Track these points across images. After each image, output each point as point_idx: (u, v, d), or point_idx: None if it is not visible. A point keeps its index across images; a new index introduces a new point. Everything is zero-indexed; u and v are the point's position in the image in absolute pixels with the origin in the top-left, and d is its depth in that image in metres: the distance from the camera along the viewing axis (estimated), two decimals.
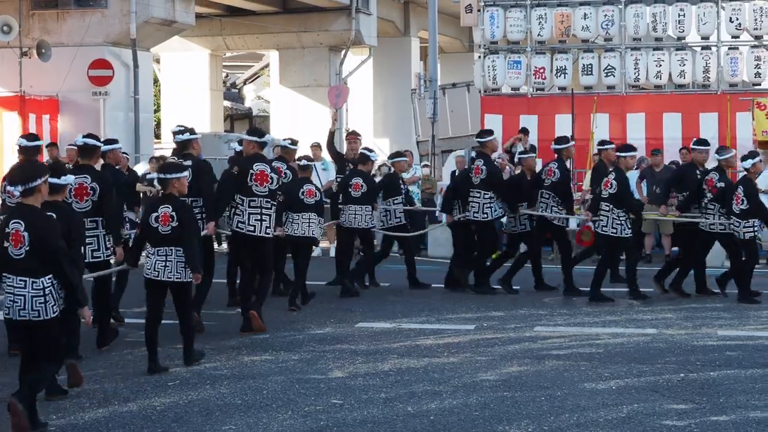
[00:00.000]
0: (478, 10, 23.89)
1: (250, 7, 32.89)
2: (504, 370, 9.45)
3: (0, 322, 8.43)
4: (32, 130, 23.43)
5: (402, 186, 16.05)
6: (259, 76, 48.06)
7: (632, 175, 19.79)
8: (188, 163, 11.21)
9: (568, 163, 16.24)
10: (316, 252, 19.93)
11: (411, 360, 9.96)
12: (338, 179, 16.54)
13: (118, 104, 24.87)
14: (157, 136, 34.73)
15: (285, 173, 13.51)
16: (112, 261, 11.04)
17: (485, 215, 14.51)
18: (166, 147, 30.21)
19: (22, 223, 7.46)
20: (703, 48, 23.17)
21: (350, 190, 14.77)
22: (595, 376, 9.17)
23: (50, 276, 7.47)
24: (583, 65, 23.37)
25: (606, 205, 13.90)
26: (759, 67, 22.71)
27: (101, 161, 11.27)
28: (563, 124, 22.30)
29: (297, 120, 32.60)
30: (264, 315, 11.74)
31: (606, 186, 14.02)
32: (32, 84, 24.02)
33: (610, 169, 14.31)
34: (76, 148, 11.65)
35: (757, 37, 22.92)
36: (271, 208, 11.71)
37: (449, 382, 8.97)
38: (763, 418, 7.76)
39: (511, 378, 9.14)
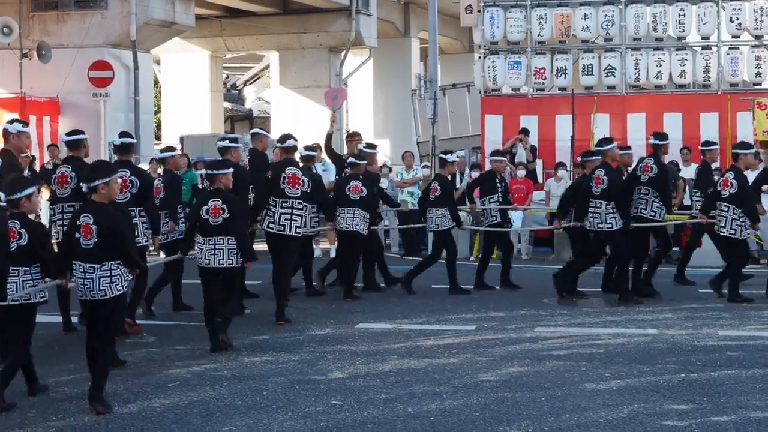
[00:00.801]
0: (478, 11, 23.90)
1: (250, 8, 32.89)
2: (504, 371, 9.44)
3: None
4: (33, 131, 23.44)
5: (498, 185, 15.91)
6: (259, 78, 48.07)
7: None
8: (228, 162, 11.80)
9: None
10: (317, 253, 19.96)
11: (411, 361, 9.94)
12: (337, 179, 16.54)
13: (119, 105, 24.88)
14: (158, 138, 34.71)
15: (129, 182, 13.21)
16: (151, 247, 12.17)
17: (610, 225, 13.85)
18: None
19: (91, 217, 8.41)
20: (704, 48, 23.17)
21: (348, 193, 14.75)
22: (595, 377, 9.16)
23: (116, 261, 8.40)
24: (584, 65, 23.36)
25: (725, 206, 13.68)
26: (759, 67, 22.71)
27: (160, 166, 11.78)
28: (564, 125, 22.32)
29: (297, 121, 32.56)
30: (265, 317, 11.87)
31: (725, 186, 13.74)
32: (33, 85, 24.04)
33: (728, 169, 14.03)
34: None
35: (758, 37, 22.91)
36: (302, 209, 12.64)
37: (449, 382, 8.96)
38: (764, 419, 7.75)
39: (511, 378, 9.13)
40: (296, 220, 12.49)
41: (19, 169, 10.89)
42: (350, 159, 15.19)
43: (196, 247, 10.74)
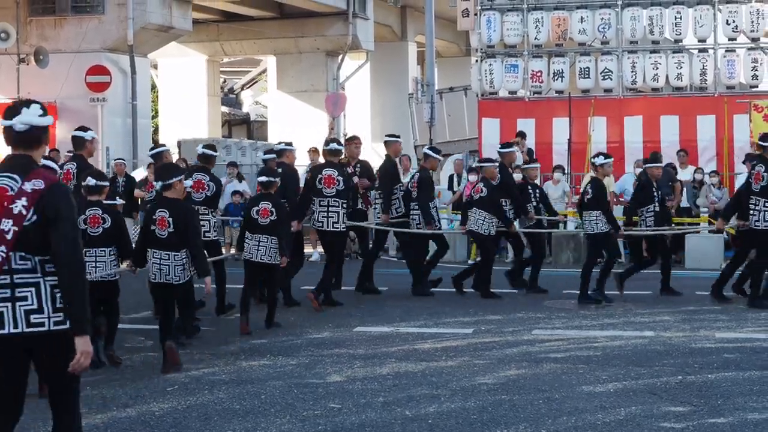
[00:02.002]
0: (475, 14, 23.97)
1: (247, 12, 32.94)
2: (502, 374, 9.45)
3: None
4: None
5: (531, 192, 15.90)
6: (256, 82, 48.13)
7: (629, 179, 19.92)
8: (279, 170, 13.45)
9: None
10: (314, 257, 20.00)
11: (409, 364, 9.96)
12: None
13: (116, 110, 24.90)
14: (155, 142, 34.73)
15: (207, 185, 13.43)
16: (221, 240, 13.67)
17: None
18: None
19: (167, 211, 10.02)
20: (700, 50, 23.23)
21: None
22: (592, 379, 9.18)
23: (185, 250, 9.92)
24: (580, 68, 23.40)
25: (756, 200, 13.48)
26: (756, 70, 22.75)
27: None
28: (561, 128, 22.37)
29: (294, 125, 32.64)
30: (262, 322, 12.02)
31: (757, 179, 13.51)
32: (30, 90, 24.04)
33: (758, 161, 13.76)
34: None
35: (754, 40, 22.97)
36: (338, 206, 13.71)
37: (447, 385, 8.98)
38: (761, 420, 7.77)
39: (509, 381, 9.14)
40: (332, 216, 13.67)
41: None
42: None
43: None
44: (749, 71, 22.83)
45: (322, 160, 18.96)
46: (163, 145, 14.38)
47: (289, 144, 15.14)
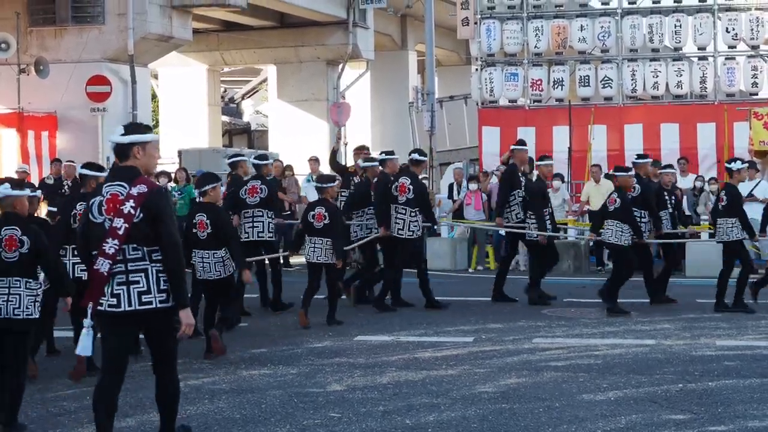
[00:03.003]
0: (475, 23, 24.00)
1: (248, 22, 32.96)
2: (502, 382, 9.45)
3: None
4: (31, 147, 23.50)
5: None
6: (257, 91, 48.15)
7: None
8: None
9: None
10: None
11: (409, 373, 9.95)
12: (341, 194, 16.52)
13: (117, 120, 24.82)
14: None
15: (260, 189, 14.10)
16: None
17: None
18: (164, 163, 30.26)
19: (205, 215, 11.17)
20: (700, 58, 23.28)
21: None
22: (593, 387, 9.17)
23: (225, 249, 10.93)
24: (580, 77, 23.44)
25: None
26: (755, 77, 22.80)
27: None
28: (561, 136, 22.40)
29: (295, 134, 32.65)
30: (262, 330, 12.01)
31: None
32: (30, 101, 24.06)
33: None
34: (72, 164, 14.28)
35: (754, 47, 23.00)
36: (405, 213, 14.15)
37: (447, 394, 8.97)
38: (761, 428, 7.76)
39: (509, 390, 9.13)
40: (398, 223, 14.20)
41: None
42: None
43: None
44: (749, 79, 22.87)
45: (323, 169, 19.05)
46: (242, 155, 15.37)
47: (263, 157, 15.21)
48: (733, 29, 22.85)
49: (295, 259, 18.82)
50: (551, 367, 10.17)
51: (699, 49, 23.37)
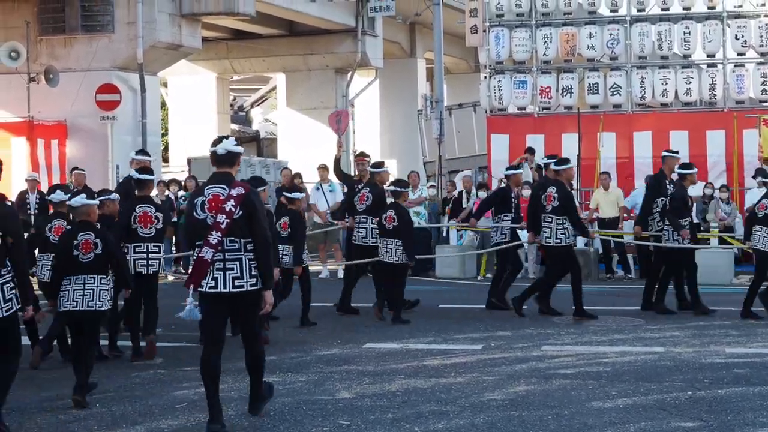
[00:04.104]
0: (484, 31, 24.00)
1: (257, 30, 33.04)
2: (511, 390, 9.44)
3: None
4: (41, 155, 23.57)
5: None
6: (266, 99, 48.22)
7: (639, 193, 19.89)
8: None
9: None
10: (323, 273, 20.02)
11: (418, 380, 9.95)
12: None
13: (126, 128, 24.97)
14: (165, 160, 34.85)
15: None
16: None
17: None
18: (174, 171, 30.34)
19: (287, 216, 12.81)
20: (709, 65, 23.22)
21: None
22: (602, 395, 9.16)
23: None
24: (589, 84, 23.42)
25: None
26: (765, 84, 22.77)
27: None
28: (570, 144, 22.35)
29: (304, 142, 32.70)
30: (274, 337, 12.21)
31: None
32: (40, 109, 24.14)
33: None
34: (82, 172, 14.98)
35: (763, 54, 22.97)
36: (552, 222, 14.12)
37: (456, 402, 8.96)
38: None
39: (518, 397, 9.12)
40: (546, 231, 14.21)
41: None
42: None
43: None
44: (759, 86, 22.83)
45: (332, 177, 19.06)
46: (382, 164, 15.64)
47: None
48: (743, 36, 22.82)
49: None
50: (560, 374, 10.16)
51: (708, 56, 23.32)
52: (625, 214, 19.88)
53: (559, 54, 23.65)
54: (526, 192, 20.38)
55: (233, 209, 7.91)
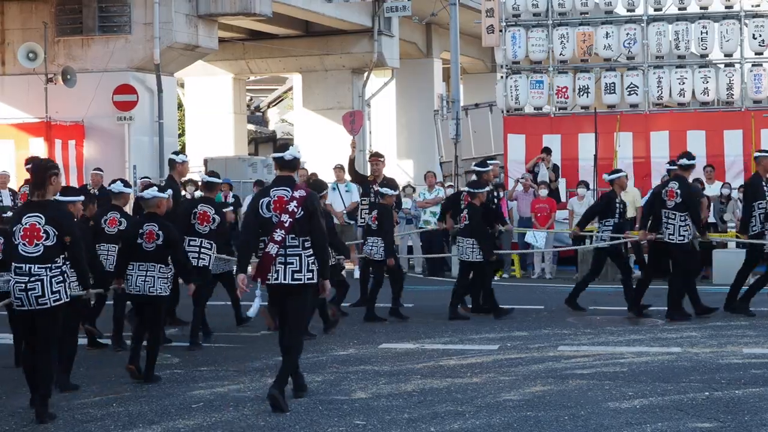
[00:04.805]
0: (500, 31, 23.96)
1: (273, 30, 33.07)
2: (527, 390, 9.42)
3: None
4: (58, 155, 23.64)
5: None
6: (282, 99, 48.29)
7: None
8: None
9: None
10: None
11: (434, 380, 9.95)
12: (363, 201, 16.62)
13: (143, 129, 25.04)
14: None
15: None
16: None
17: None
18: (191, 171, 30.37)
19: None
20: (727, 65, 23.12)
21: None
22: (619, 395, 9.13)
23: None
24: (606, 84, 23.35)
25: None
26: None
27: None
28: (586, 144, 22.31)
29: (321, 142, 32.72)
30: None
31: None
32: (58, 110, 24.20)
33: None
34: (99, 172, 15.25)
35: None
36: (675, 218, 13.85)
37: (472, 402, 8.96)
38: None
39: (534, 398, 9.11)
40: (669, 229, 13.93)
41: (179, 191, 13.31)
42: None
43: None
44: None
45: (347, 177, 19.06)
46: (485, 163, 15.26)
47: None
48: (760, 35, 22.72)
49: None
50: (576, 374, 10.15)
51: (725, 55, 23.22)
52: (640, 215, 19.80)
53: (575, 54, 23.60)
54: (543, 192, 20.43)
55: (295, 209, 8.74)
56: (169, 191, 11.91)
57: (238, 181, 25.22)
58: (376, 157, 16.26)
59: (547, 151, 22.28)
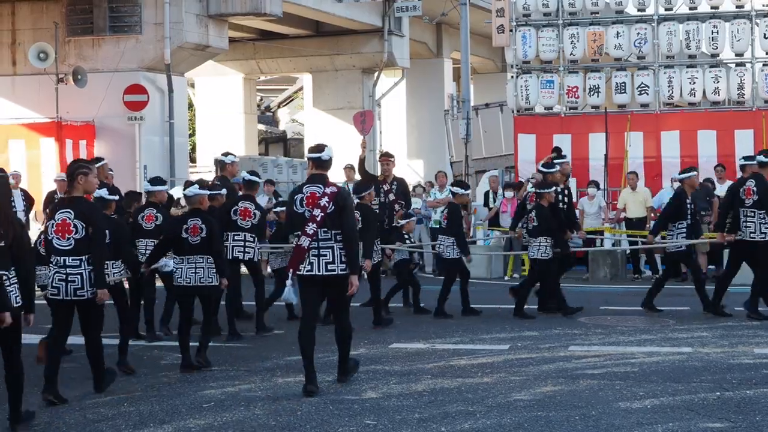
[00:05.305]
0: (510, 30, 23.94)
1: (283, 30, 33.10)
2: (538, 390, 9.41)
3: None
4: (69, 155, 23.70)
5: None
6: (292, 99, 48.31)
7: (667, 193, 19.84)
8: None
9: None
10: None
11: (445, 380, 9.94)
12: (372, 203, 16.55)
13: (154, 129, 25.08)
14: (193, 160, 34.97)
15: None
16: None
17: None
18: (201, 171, 30.44)
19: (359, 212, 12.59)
20: (737, 65, 23.06)
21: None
22: (629, 395, 9.12)
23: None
24: (617, 84, 23.32)
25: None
26: None
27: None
28: (597, 143, 22.29)
29: (331, 142, 32.48)
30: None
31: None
32: (69, 110, 24.26)
33: None
34: (111, 173, 15.10)
35: None
36: (754, 216, 13.68)
37: (483, 402, 8.95)
38: None
39: (545, 398, 9.10)
40: (749, 227, 13.76)
41: (234, 189, 14.11)
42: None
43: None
44: None
45: (358, 177, 19.04)
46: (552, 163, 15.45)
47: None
48: None
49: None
50: (587, 374, 10.13)
51: (736, 55, 23.16)
52: (652, 214, 19.78)
53: (586, 53, 23.56)
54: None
55: (327, 204, 9.33)
56: (223, 190, 13.22)
57: None
58: (387, 157, 16.23)
59: (558, 150, 22.19)
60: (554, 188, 14.71)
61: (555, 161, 15.54)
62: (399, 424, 8.22)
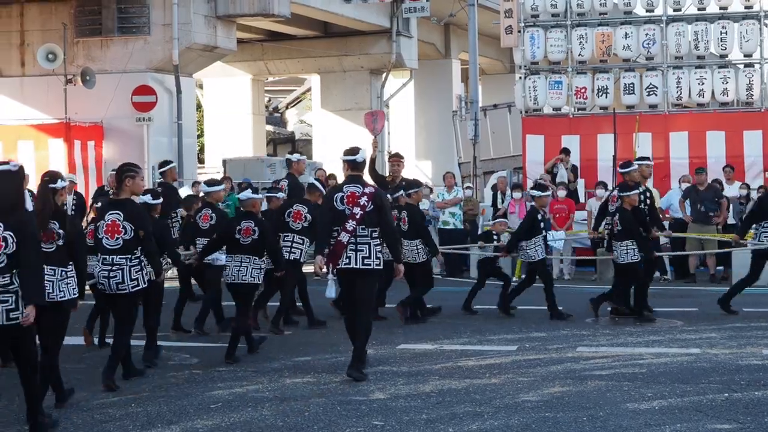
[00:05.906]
0: (519, 31, 23.92)
1: (291, 31, 33.11)
2: (546, 391, 9.40)
3: None
4: (78, 156, 23.74)
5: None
6: (301, 100, 48.36)
7: (675, 194, 19.82)
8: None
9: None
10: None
11: (453, 381, 9.94)
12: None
13: (162, 130, 25.11)
14: (201, 161, 35.01)
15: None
16: None
17: None
18: (210, 171, 30.46)
19: (405, 211, 14.21)
20: (746, 65, 23.03)
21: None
22: (637, 396, 9.11)
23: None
24: (625, 84, 23.28)
25: None
26: None
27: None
28: (605, 144, 22.26)
29: (339, 143, 32.65)
30: (306, 338, 12.18)
31: None
32: (77, 111, 24.28)
33: None
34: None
35: None
36: None
37: (491, 403, 8.94)
38: None
39: (553, 399, 9.09)
40: None
41: (301, 187, 14.64)
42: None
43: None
44: None
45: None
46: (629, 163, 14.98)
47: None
48: None
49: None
50: (595, 375, 10.12)
51: (745, 56, 23.13)
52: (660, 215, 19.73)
53: (594, 54, 23.54)
54: (561, 193, 20.38)
55: (366, 203, 9.96)
56: (282, 194, 14.15)
57: (257, 182, 25.26)
58: (397, 158, 16.19)
59: (566, 151, 22.21)
60: (636, 191, 14.35)
61: (635, 161, 15.16)
62: (406, 425, 8.22)
